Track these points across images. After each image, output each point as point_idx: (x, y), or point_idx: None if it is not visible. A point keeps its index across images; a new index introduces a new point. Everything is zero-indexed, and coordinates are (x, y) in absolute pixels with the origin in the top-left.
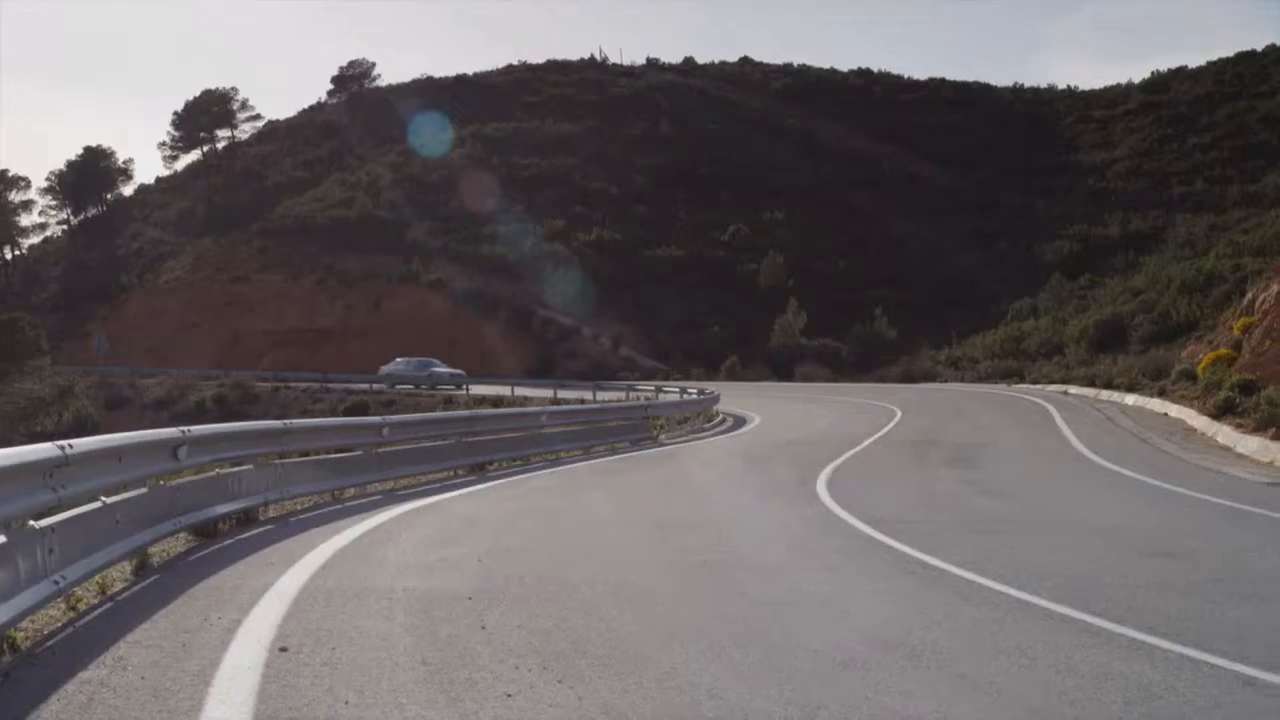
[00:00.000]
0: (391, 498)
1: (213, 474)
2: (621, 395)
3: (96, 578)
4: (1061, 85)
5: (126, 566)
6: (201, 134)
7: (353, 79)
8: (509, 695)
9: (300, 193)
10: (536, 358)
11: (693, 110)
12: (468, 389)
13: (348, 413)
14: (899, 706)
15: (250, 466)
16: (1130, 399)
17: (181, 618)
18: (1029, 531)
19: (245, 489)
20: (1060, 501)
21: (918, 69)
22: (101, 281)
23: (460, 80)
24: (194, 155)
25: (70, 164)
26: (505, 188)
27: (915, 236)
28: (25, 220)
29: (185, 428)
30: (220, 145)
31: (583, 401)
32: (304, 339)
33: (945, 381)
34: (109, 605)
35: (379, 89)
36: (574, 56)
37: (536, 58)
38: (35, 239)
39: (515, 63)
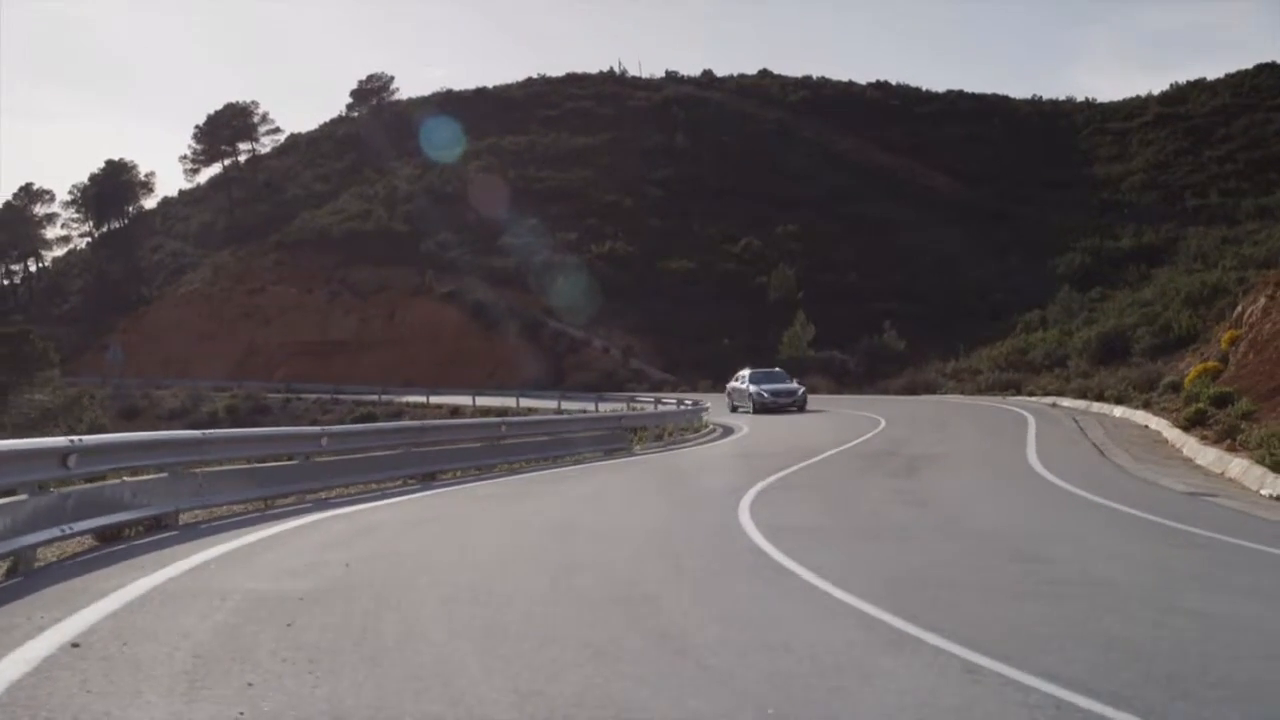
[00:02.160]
0: (323, 505)
1: (117, 481)
2: (622, 406)
3: None
4: (1085, 97)
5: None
6: (223, 147)
7: (372, 92)
8: (250, 685)
9: (319, 205)
10: (547, 370)
11: (709, 123)
12: (474, 400)
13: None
14: (603, 681)
15: (166, 475)
16: (1118, 411)
17: (8, 616)
18: (912, 537)
19: (154, 497)
20: (969, 510)
21: (936, 81)
22: (122, 293)
23: (479, 93)
24: (215, 168)
25: (93, 177)
26: (519, 200)
27: (927, 248)
28: (49, 233)
29: (76, 436)
30: (241, 158)
31: (584, 412)
32: (318, 351)
33: (946, 393)
34: None
35: (398, 102)
36: (593, 70)
37: (556, 71)
38: (59, 251)
39: (534, 76)
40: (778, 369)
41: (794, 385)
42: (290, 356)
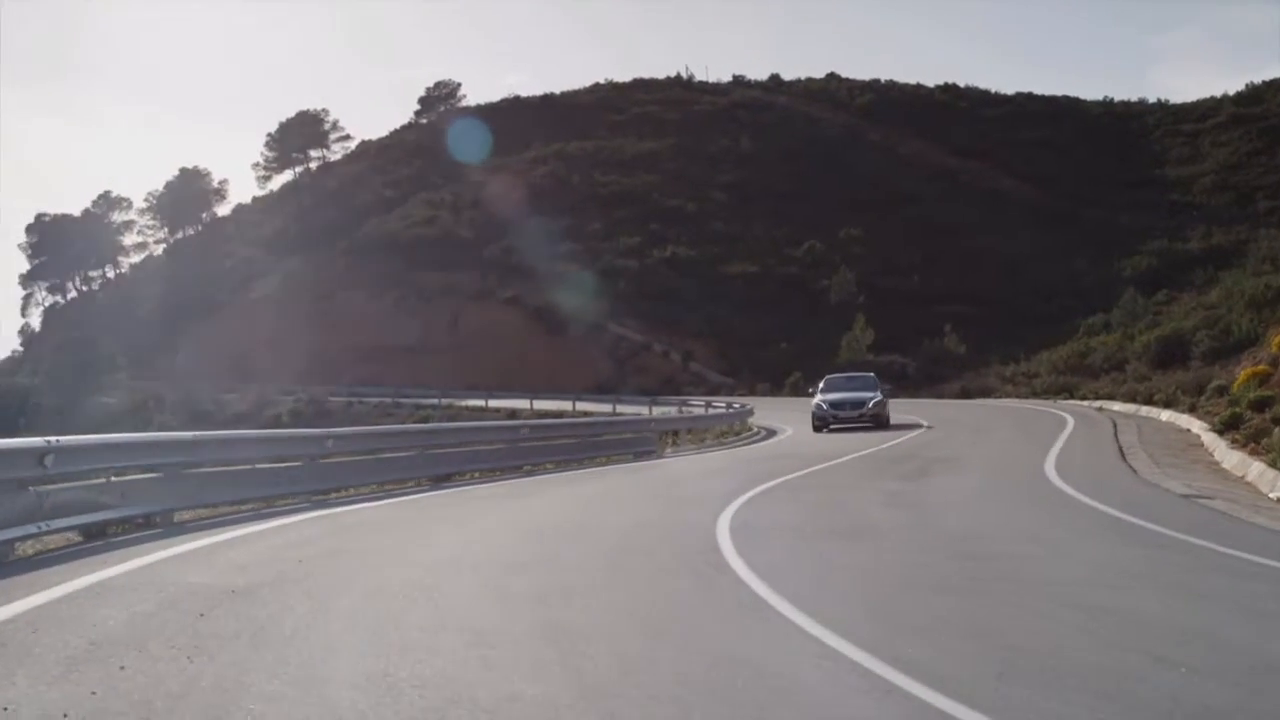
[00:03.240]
0: (321, 505)
1: (102, 481)
2: (674, 410)
3: None
4: (1158, 99)
5: None
6: (294, 154)
7: (440, 99)
8: (122, 668)
9: (387, 211)
10: (606, 374)
11: (775, 127)
12: (532, 403)
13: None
14: (459, 663)
15: (159, 475)
16: (1165, 415)
17: None
18: (875, 537)
19: (143, 497)
20: (951, 512)
21: (1005, 84)
22: (195, 299)
23: (546, 99)
24: (287, 175)
25: (168, 185)
26: (584, 205)
27: (992, 251)
28: (127, 240)
29: (53, 437)
30: (312, 165)
31: (637, 415)
32: (384, 355)
33: (1001, 397)
34: None
35: (466, 108)
36: (660, 75)
37: (624, 77)
38: (136, 257)
39: (602, 81)
40: (863, 374)
41: (865, 394)
42: (356, 361)
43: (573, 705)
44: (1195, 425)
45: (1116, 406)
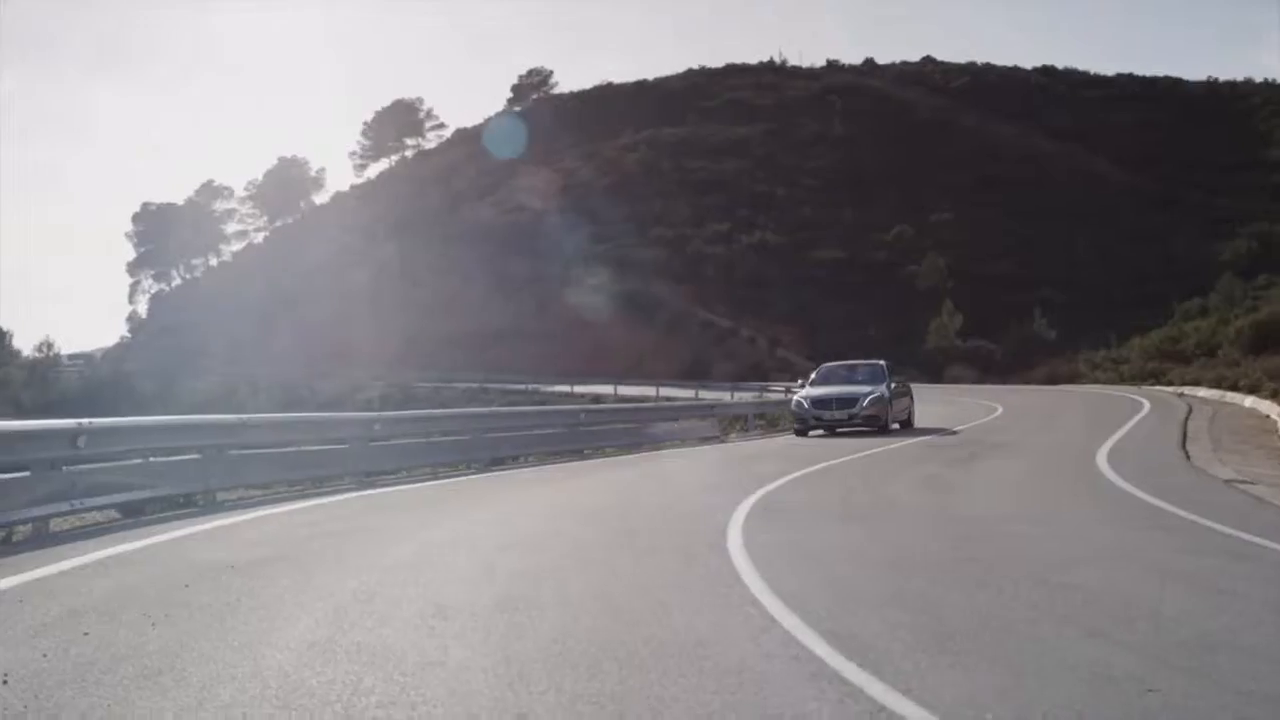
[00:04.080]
0: (364, 485)
1: (139, 461)
2: (753, 395)
3: None
4: (1264, 78)
5: None
6: (390, 143)
7: (532, 86)
8: (86, 634)
9: (480, 199)
10: (694, 359)
11: (867, 111)
12: (616, 389)
13: None
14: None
15: (199, 456)
16: (1249, 401)
17: None
18: (884, 519)
19: (182, 476)
20: (978, 496)
21: (1104, 65)
22: (292, 286)
23: (639, 85)
24: (383, 164)
25: (267, 174)
26: (673, 191)
27: (1086, 235)
28: (228, 228)
29: (84, 420)
30: (408, 153)
31: (719, 401)
32: (474, 341)
33: (1087, 383)
34: None
35: (558, 95)
36: (753, 60)
37: (716, 62)
38: (237, 245)
39: (694, 67)
40: (871, 363)
41: (860, 390)
42: (448, 346)
43: (488, 670)
44: (1276, 411)
45: (1201, 392)
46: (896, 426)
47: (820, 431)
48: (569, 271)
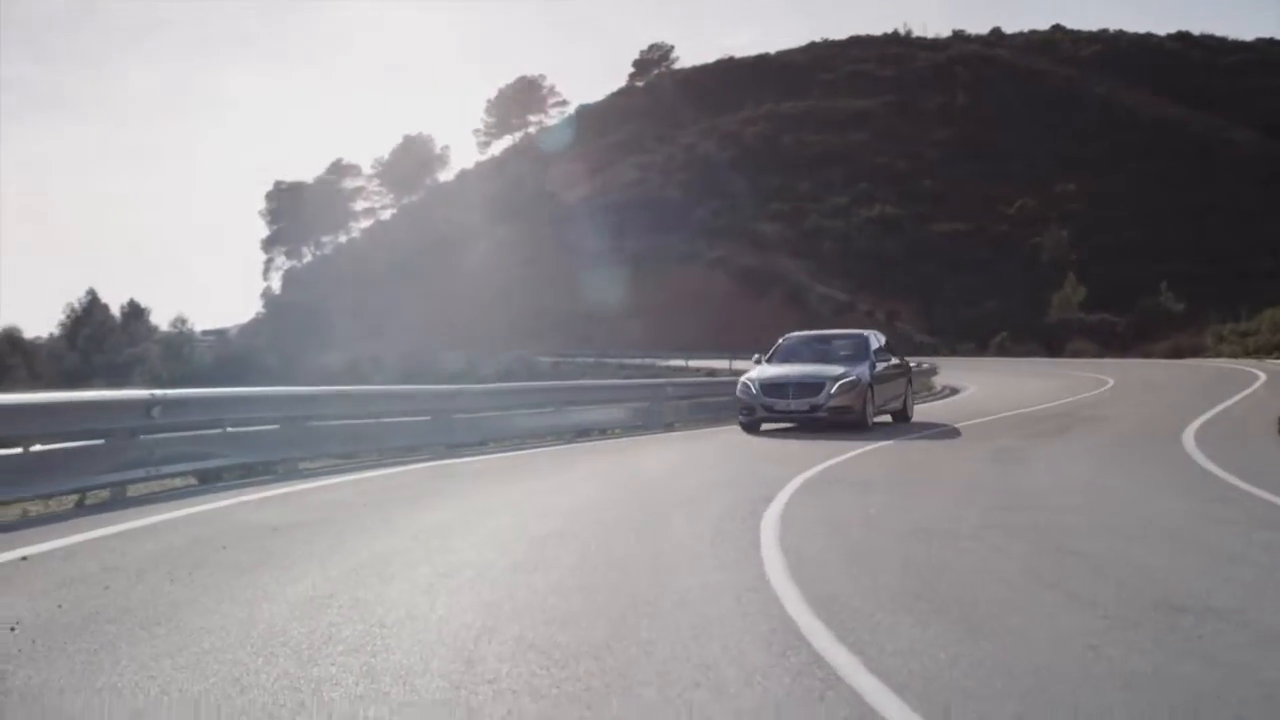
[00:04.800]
0: (446, 455)
1: (216, 432)
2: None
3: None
4: None
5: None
6: (513, 120)
7: (653, 62)
8: (106, 588)
9: (600, 175)
10: None
11: (992, 82)
12: (730, 363)
13: None
14: (391, 596)
15: (278, 426)
16: None
17: (41, 530)
18: (928, 492)
19: (258, 446)
20: (1041, 469)
21: (1243, 30)
22: (417, 263)
23: (761, 59)
24: (506, 141)
25: (394, 152)
26: (793, 166)
27: (1219, 206)
28: (357, 205)
29: (158, 390)
30: (531, 130)
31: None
32: (594, 316)
33: (1211, 356)
34: None
35: (679, 70)
36: (877, 32)
37: (840, 34)
38: (365, 223)
39: (817, 40)
40: (852, 334)
41: (830, 371)
42: (567, 322)
43: (466, 624)
44: None
45: None
46: (888, 419)
47: (786, 425)
48: (686, 247)
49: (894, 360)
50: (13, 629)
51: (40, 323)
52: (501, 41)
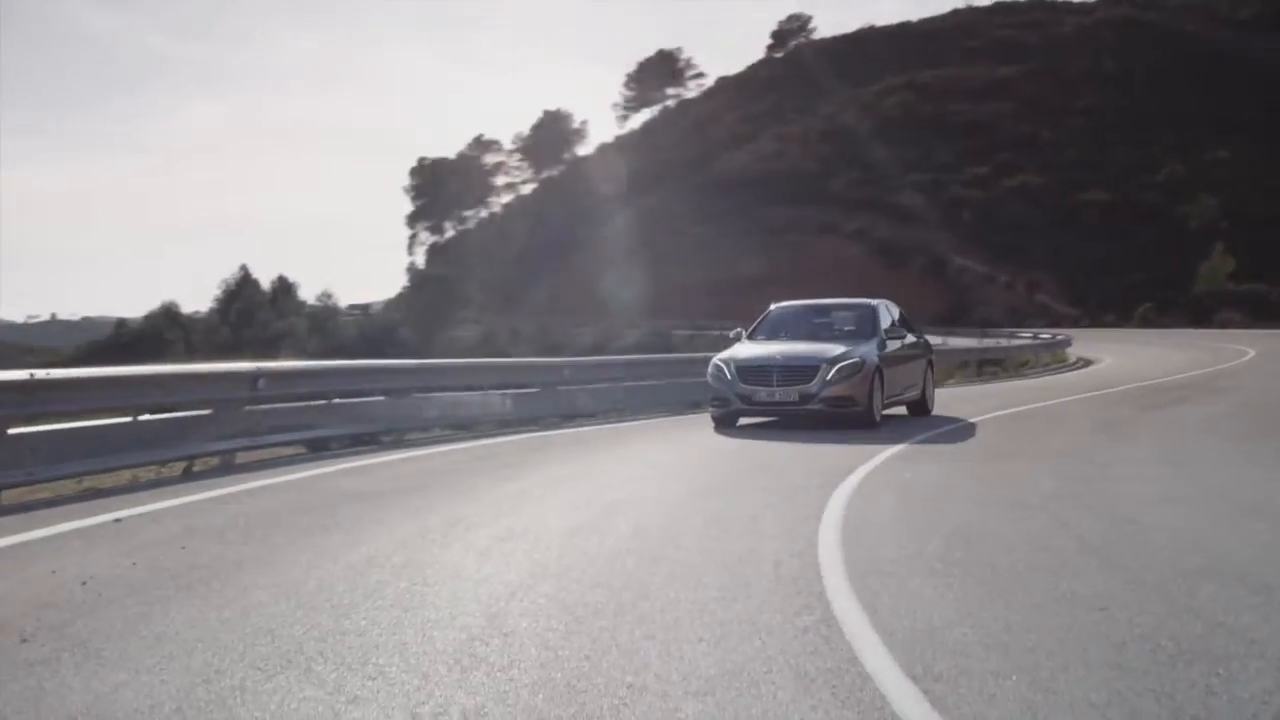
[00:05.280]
0: (555, 427)
1: (323, 403)
2: (1002, 341)
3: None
4: None
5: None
6: (651, 94)
7: (791, 33)
8: (183, 548)
9: (738, 147)
10: (948, 306)
11: (1142, 46)
12: None
13: None
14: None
15: (384, 398)
16: None
17: (149, 494)
18: (1017, 460)
19: (364, 417)
20: (1138, 438)
21: None
22: (555, 237)
23: (902, 28)
24: (645, 115)
25: (533, 127)
26: (931, 136)
27: None
28: (497, 180)
29: (263, 363)
30: (669, 103)
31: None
32: (729, 289)
33: None
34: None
35: (818, 40)
36: None
37: (984, 0)
38: (506, 197)
39: (961, 7)
40: (860, 304)
41: (828, 351)
42: (704, 294)
43: (508, 583)
44: None
45: None
46: (903, 411)
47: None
48: (824, 219)
49: (910, 338)
50: (84, 583)
51: (199, 298)
52: (640, 14)
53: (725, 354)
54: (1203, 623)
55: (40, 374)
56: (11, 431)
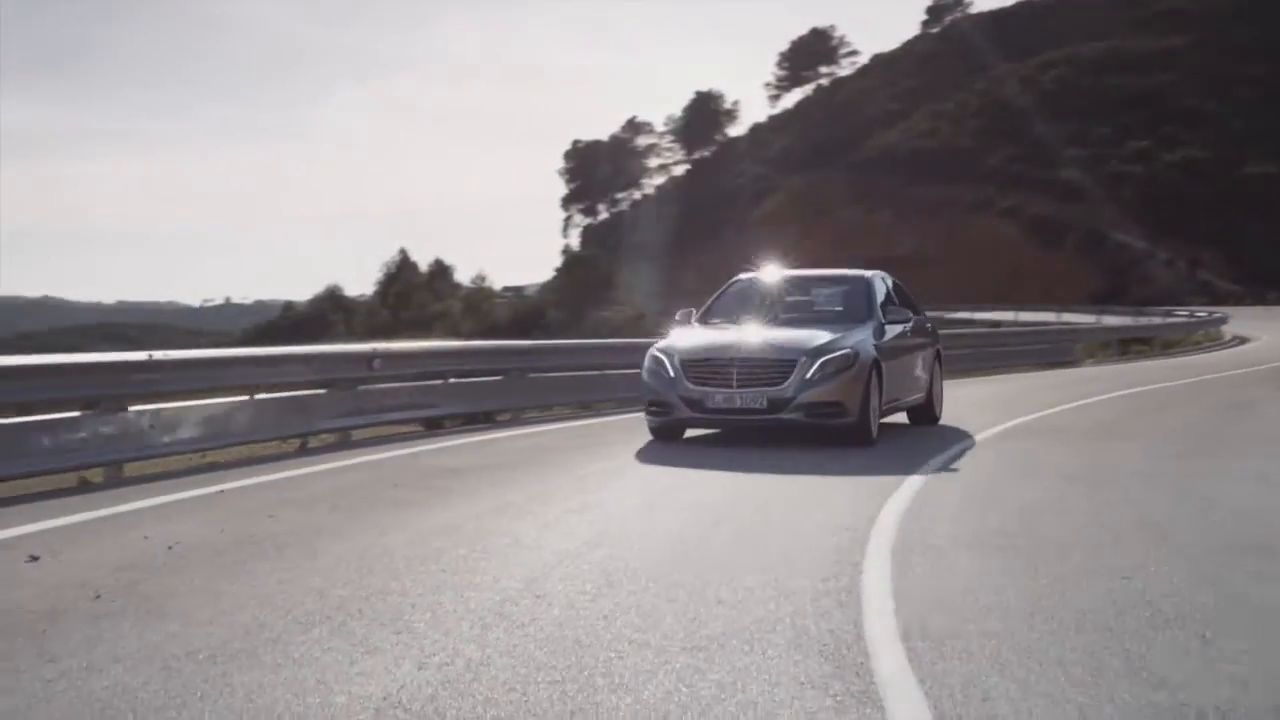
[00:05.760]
0: None
1: (438, 382)
2: (1156, 320)
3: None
4: None
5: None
6: (803, 72)
7: (946, 8)
8: (271, 516)
9: (891, 125)
10: (1106, 285)
11: None
12: (1016, 315)
13: None
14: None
15: (500, 378)
16: None
17: (257, 469)
18: (1117, 439)
19: (478, 397)
20: (1253, 423)
21: None
22: (705, 218)
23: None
24: (797, 94)
25: (685, 109)
26: (1091, 110)
27: None
28: (650, 162)
29: (377, 344)
30: (823, 81)
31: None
32: (879, 268)
33: None
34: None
35: (974, 15)
36: None
37: None
38: (658, 180)
39: None
40: (847, 275)
41: (808, 340)
42: None
43: (560, 551)
44: None
45: None
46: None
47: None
48: (976, 196)
49: (912, 321)
50: (170, 548)
51: (362, 281)
52: None
53: (666, 341)
54: (1217, 592)
55: (159, 355)
56: (132, 408)
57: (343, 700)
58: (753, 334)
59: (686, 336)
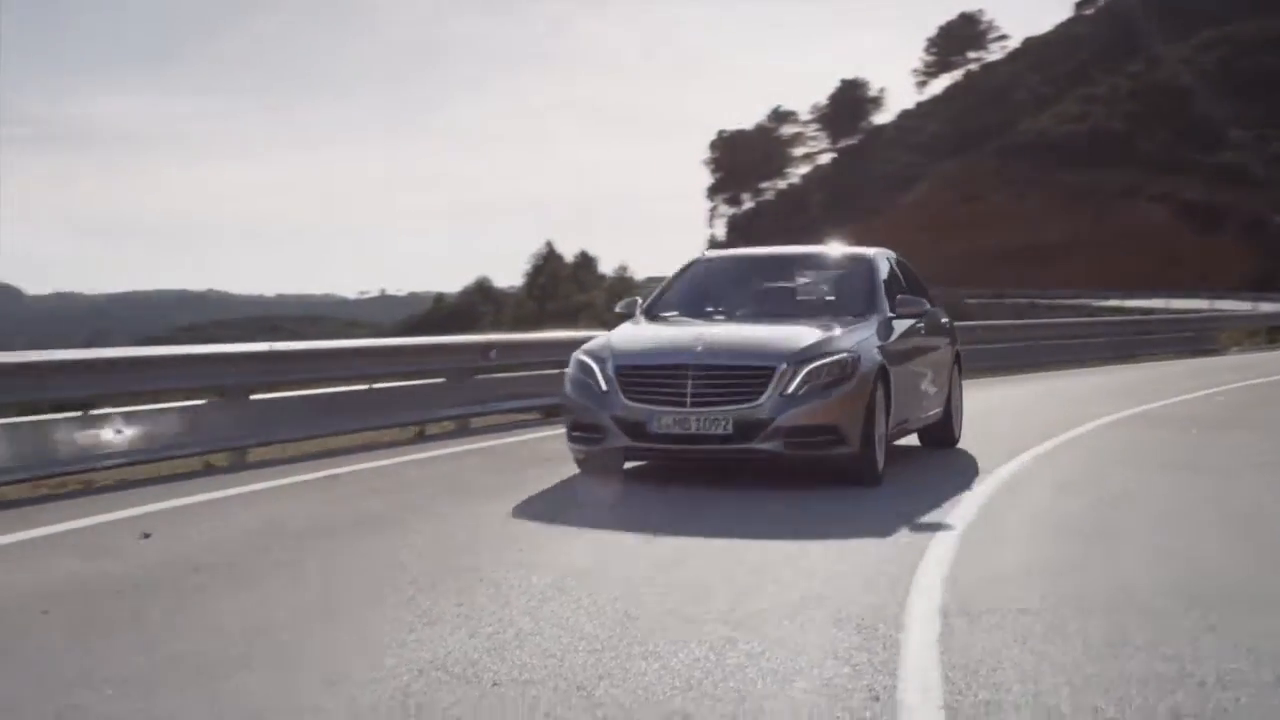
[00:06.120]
0: None
1: (554, 373)
2: None
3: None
4: None
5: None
6: (952, 58)
7: None
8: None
9: (1041, 110)
10: (1268, 271)
11: None
12: (1168, 303)
13: None
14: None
15: None
16: None
17: (376, 455)
18: (1235, 426)
19: None
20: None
21: None
22: (852, 206)
23: None
24: (945, 80)
25: (830, 97)
26: (1247, 92)
27: None
28: (795, 151)
29: (494, 335)
30: (972, 67)
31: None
32: (1027, 256)
33: None
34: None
35: None
36: None
37: None
38: (803, 168)
39: None
40: (844, 254)
41: (790, 341)
42: (1002, 261)
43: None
44: None
45: None
46: (914, 442)
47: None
48: (1128, 181)
49: (926, 314)
50: (271, 528)
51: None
52: None
53: (598, 342)
54: (1248, 580)
55: (280, 346)
56: (254, 397)
57: (392, 662)
58: (716, 332)
59: (626, 336)
